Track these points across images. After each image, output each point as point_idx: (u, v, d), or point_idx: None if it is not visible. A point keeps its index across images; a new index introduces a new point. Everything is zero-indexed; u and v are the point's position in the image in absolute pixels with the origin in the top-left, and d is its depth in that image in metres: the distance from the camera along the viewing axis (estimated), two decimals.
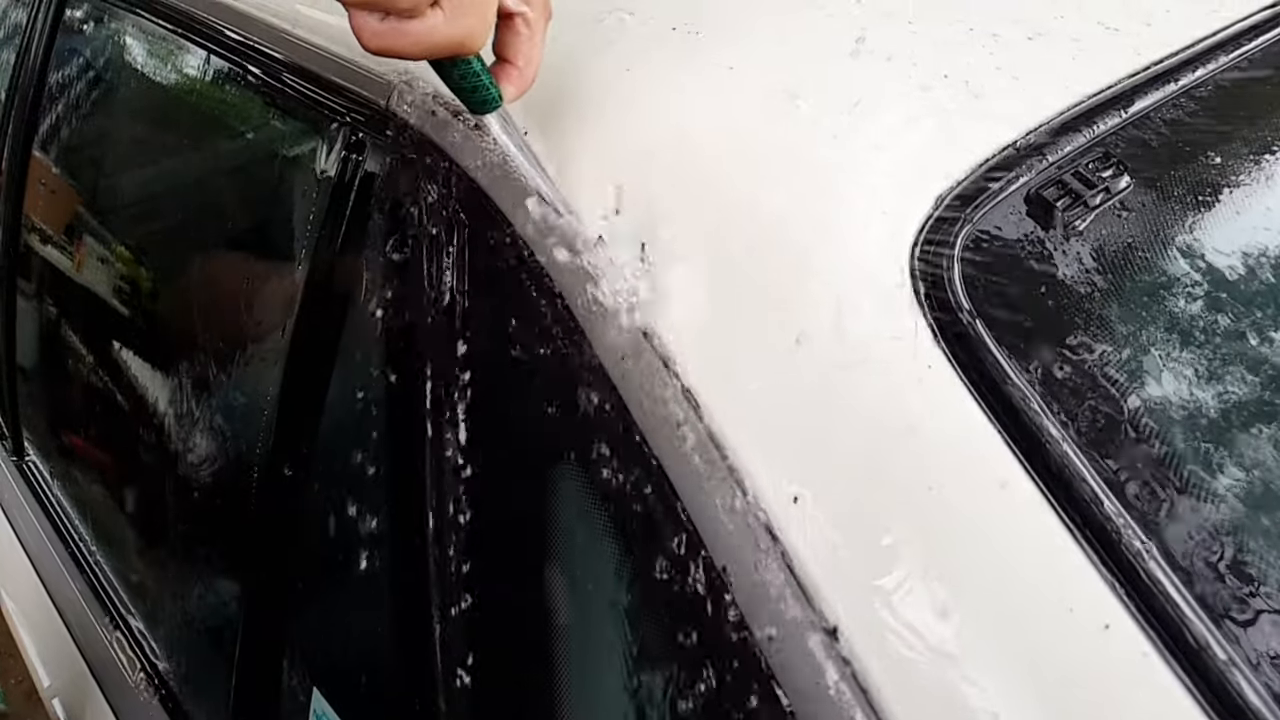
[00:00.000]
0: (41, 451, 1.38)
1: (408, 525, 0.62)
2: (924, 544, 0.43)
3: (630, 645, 0.53)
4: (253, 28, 0.82)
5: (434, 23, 0.45)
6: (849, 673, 0.42)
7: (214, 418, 0.93)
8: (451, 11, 0.45)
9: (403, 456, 0.63)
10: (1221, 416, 0.47)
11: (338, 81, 0.72)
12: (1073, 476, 0.43)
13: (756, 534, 0.45)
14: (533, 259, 0.56)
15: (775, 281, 0.50)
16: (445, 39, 0.46)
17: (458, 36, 0.46)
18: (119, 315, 1.14)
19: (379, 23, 0.44)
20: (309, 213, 0.76)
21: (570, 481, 0.54)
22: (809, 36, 0.61)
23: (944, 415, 0.45)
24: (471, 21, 0.46)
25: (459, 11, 0.45)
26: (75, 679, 1.20)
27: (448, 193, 0.61)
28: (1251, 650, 0.39)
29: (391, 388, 0.67)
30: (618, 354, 0.51)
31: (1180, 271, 0.52)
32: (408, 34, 0.45)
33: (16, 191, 1.31)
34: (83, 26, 1.22)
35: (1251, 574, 0.42)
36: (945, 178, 0.52)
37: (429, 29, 0.45)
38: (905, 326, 0.47)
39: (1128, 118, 0.57)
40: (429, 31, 0.45)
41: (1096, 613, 0.40)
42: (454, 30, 0.46)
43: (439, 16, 0.45)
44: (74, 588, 1.20)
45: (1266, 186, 0.57)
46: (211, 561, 0.97)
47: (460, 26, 0.46)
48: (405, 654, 0.65)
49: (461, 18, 0.46)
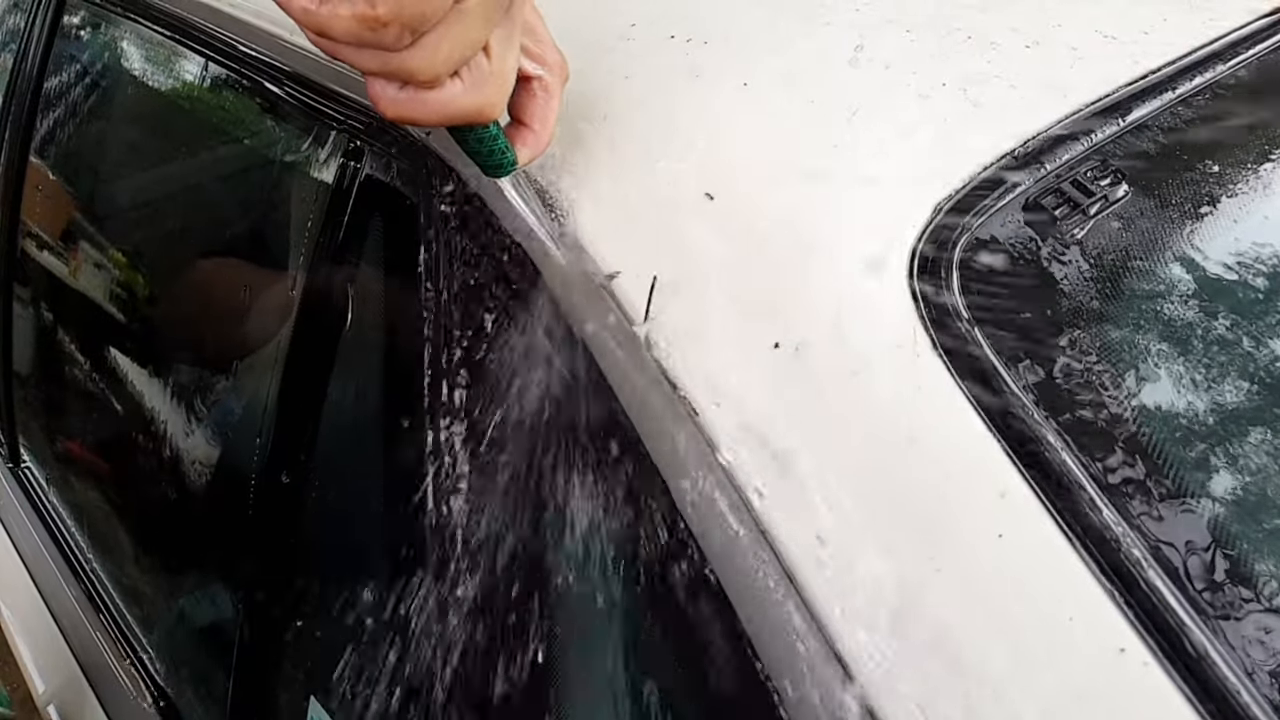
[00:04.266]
0: (37, 458, 1.38)
1: (406, 532, 0.62)
2: (922, 552, 0.43)
3: (631, 654, 0.52)
4: (250, 34, 0.81)
5: (454, 92, 0.44)
6: (844, 675, 0.42)
7: (210, 424, 0.93)
8: (471, 82, 0.45)
9: (401, 464, 0.63)
10: (1220, 423, 0.47)
11: (336, 89, 0.72)
12: (1072, 484, 0.43)
13: (756, 543, 0.45)
14: (532, 266, 0.56)
15: (774, 290, 0.50)
16: (464, 108, 0.45)
17: (477, 106, 0.46)
18: (115, 321, 1.14)
19: (398, 91, 0.44)
20: (307, 219, 0.76)
21: (570, 492, 0.54)
22: (808, 45, 0.61)
23: (943, 424, 0.45)
24: (490, 91, 0.46)
25: (479, 82, 0.45)
26: (70, 685, 1.20)
27: (446, 200, 0.61)
28: (1250, 656, 0.39)
29: (389, 394, 0.67)
30: (618, 363, 0.51)
31: (1178, 279, 0.52)
32: (426, 104, 0.44)
33: (13, 197, 1.30)
34: (80, 32, 1.22)
35: (1250, 579, 0.42)
36: (944, 186, 0.52)
37: (449, 99, 0.45)
38: (904, 334, 0.47)
39: (1125, 126, 0.57)
40: (448, 101, 0.45)
41: (1097, 622, 0.40)
42: (473, 100, 0.45)
43: (458, 86, 0.44)
44: (69, 594, 1.20)
45: (1264, 195, 0.57)
46: (208, 568, 0.97)
47: (479, 96, 0.45)
48: (402, 663, 0.65)
49: (481, 88, 0.45)
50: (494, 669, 0.59)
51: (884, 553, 0.43)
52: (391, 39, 0.40)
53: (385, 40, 0.40)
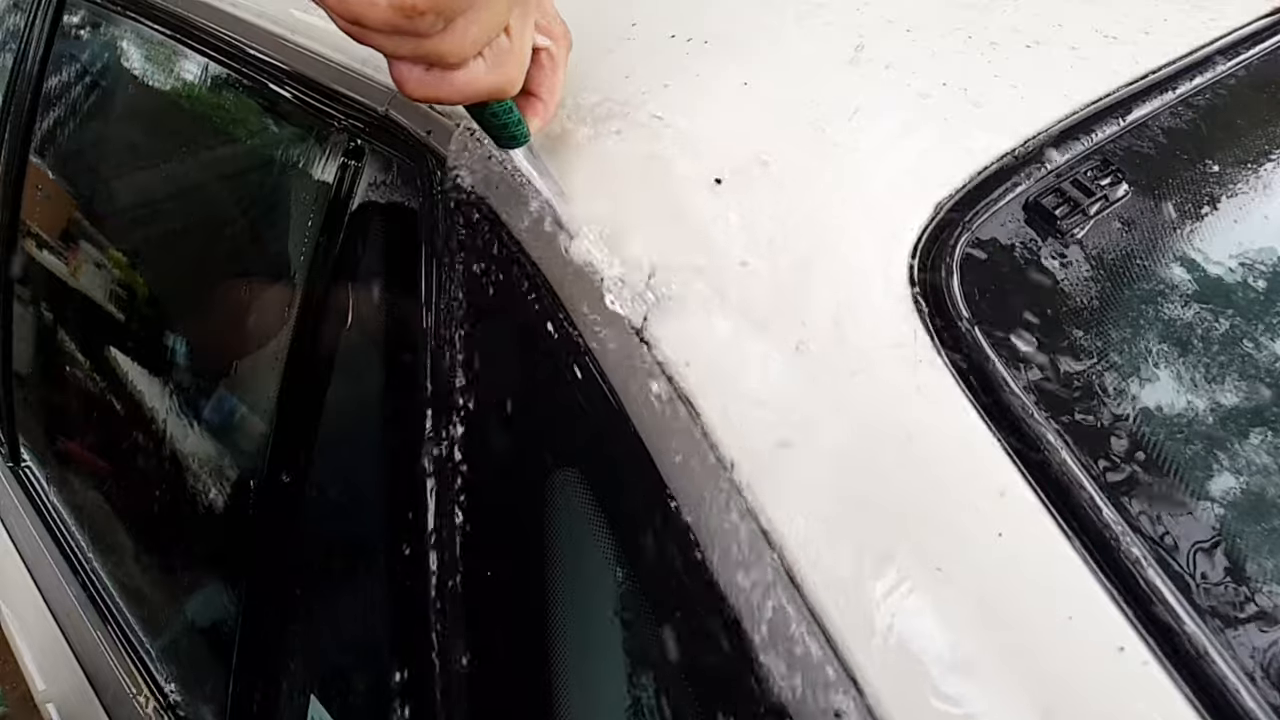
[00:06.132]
0: (37, 457, 1.38)
1: (405, 533, 0.62)
2: (923, 551, 0.43)
3: (627, 647, 0.53)
4: (251, 34, 0.81)
5: (477, 72, 0.46)
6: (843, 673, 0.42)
7: (210, 424, 0.93)
8: (493, 60, 0.46)
9: (400, 464, 0.63)
10: (1219, 423, 0.47)
11: (336, 88, 0.72)
12: (1071, 483, 0.43)
13: (756, 542, 0.45)
14: (534, 267, 0.56)
15: (775, 288, 0.50)
16: (487, 86, 0.47)
17: (499, 83, 0.48)
18: (114, 321, 1.14)
19: (424, 73, 0.45)
20: (307, 219, 0.76)
21: (569, 493, 0.54)
22: (808, 44, 0.61)
23: (943, 423, 0.45)
24: (510, 69, 0.48)
25: (500, 60, 0.47)
26: (70, 685, 1.20)
27: (447, 199, 0.61)
28: (1248, 655, 0.39)
29: (389, 392, 0.67)
30: (620, 365, 0.51)
31: (1178, 279, 0.52)
32: (452, 83, 0.46)
33: (13, 197, 1.30)
34: (80, 32, 1.22)
35: (1249, 578, 0.42)
36: (944, 185, 0.53)
37: (473, 78, 0.46)
38: (905, 334, 0.48)
39: (1126, 126, 0.57)
40: (472, 80, 0.46)
41: (1096, 621, 0.40)
42: (495, 78, 0.47)
43: (481, 66, 0.46)
44: (69, 593, 1.20)
45: (1264, 194, 0.57)
46: (208, 567, 0.97)
47: (501, 74, 0.47)
48: (402, 661, 0.65)
49: (502, 66, 0.47)
50: (496, 671, 0.60)
51: (883, 552, 0.43)
52: (426, 26, 0.41)
53: (420, 27, 0.41)
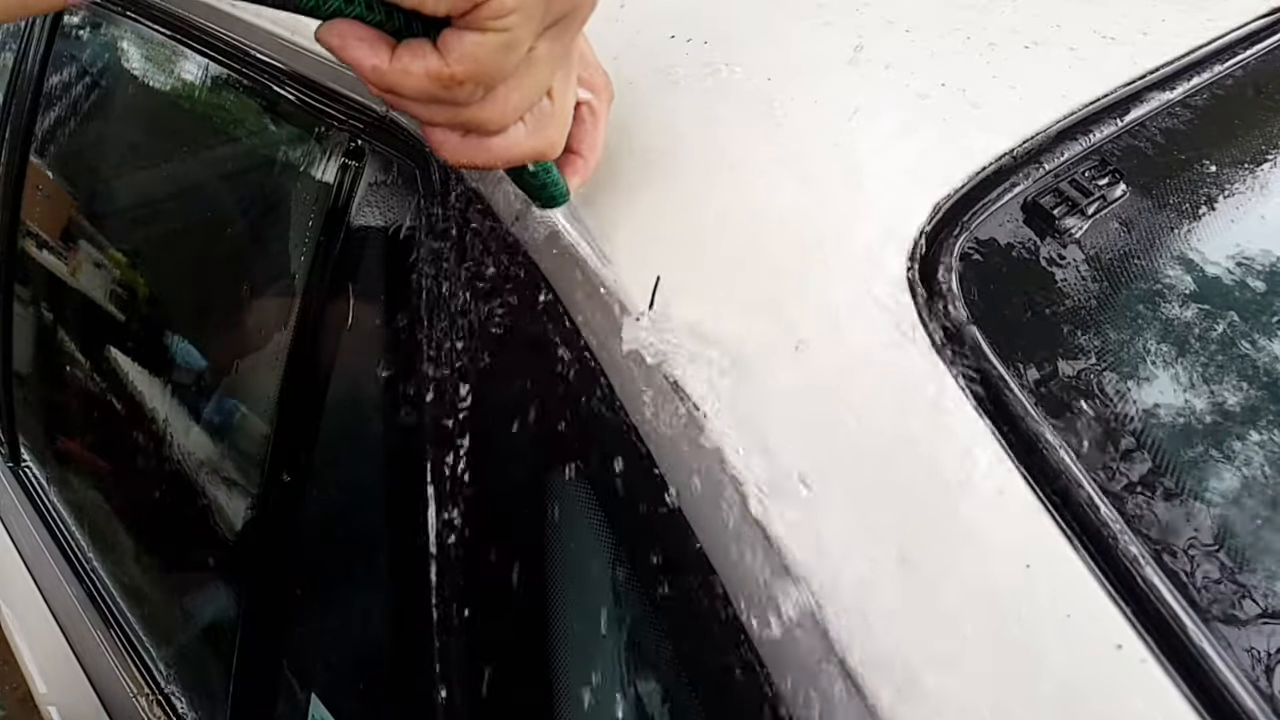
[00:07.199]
0: (37, 457, 1.38)
1: (406, 534, 0.62)
2: (920, 548, 0.43)
3: (629, 652, 0.53)
4: (251, 34, 0.82)
5: (517, 137, 0.44)
6: (843, 672, 0.42)
7: (211, 424, 0.93)
8: (534, 125, 0.44)
9: (401, 464, 0.63)
10: (1217, 422, 0.47)
11: (337, 88, 0.72)
12: (1070, 482, 0.43)
13: (755, 541, 0.45)
14: (532, 265, 0.56)
15: (775, 288, 0.50)
16: (528, 150, 0.45)
17: (540, 148, 0.45)
18: (114, 321, 1.14)
19: (461, 139, 0.43)
20: (307, 219, 0.76)
21: (571, 493, 0.54)
22: (808, 45, 0.61)
23: (942, 423, 0.45)
24: (552, 132, 0.46)
25: (542, 124, 0.45)
26: (71, 686, 1.20)
27: (447, 200, 0.61)
28: (1247, 654, 0.40)
29: (389, 392, 0.67)
30: (620, 363, 0.51)
31: (1177, 279, 0.52)
32: (490, 149, 0.44)
33: (13, 197, 1.30)
34: (80, 32, 1.22)
35: (1248, 577, 0.42)
36: (943, 185, 0.53)
37: (513, 143, 0.44)
38: (903, 334, 0.48)
39: (1124, 126, 0.57)
40: (512, 145, 0.44)
41: (1094, 619, 0.40)
42: (536, 142, 0.45)
43: (521, 131, 0.44)
44: (70, 594, 1.20)
45: (1262, 195, 0.57)
46: (209, 567, 0.97)
47: (542, 138, 0.45)
48: (403, 662, 0.65)
49: (544, 130, 0.45)
50: (496, 671, 0.60)
51: (883, 551, 0.43)
52: (466, 95, 0.40)
53: (459, 96, 0.40)
